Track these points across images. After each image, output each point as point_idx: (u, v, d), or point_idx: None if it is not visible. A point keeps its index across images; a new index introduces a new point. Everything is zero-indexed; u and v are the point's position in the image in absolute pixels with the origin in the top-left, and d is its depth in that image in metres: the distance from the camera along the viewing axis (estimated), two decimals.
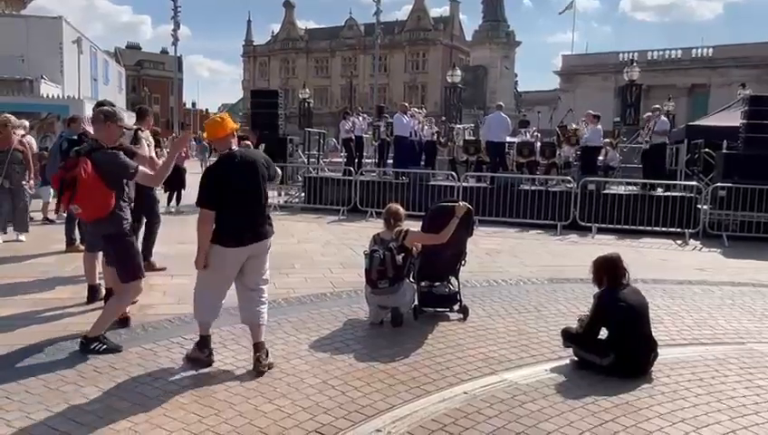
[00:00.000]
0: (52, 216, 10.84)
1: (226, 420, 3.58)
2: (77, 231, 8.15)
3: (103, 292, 5.78)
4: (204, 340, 4.43)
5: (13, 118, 8.87)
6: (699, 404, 3.98)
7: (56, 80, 22.60)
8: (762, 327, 5.89)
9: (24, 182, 8.85)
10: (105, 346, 4.56)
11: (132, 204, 5.06)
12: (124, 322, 5.09)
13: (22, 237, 8.90)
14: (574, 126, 14.87)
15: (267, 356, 4.35)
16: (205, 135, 4.45)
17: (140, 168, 4.65)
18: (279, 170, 4.66)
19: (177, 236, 8.12)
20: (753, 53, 44.55)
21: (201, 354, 4.39)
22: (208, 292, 4.37)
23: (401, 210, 5.77)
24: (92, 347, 4.52)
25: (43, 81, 21.36)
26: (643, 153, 13.60)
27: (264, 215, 4.41)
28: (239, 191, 4.23)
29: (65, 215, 8.59)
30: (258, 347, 4.33)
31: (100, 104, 6.25)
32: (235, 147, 4.38)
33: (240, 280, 4.39)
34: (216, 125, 4.32)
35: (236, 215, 4.24)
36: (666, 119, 13.56)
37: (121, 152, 4.61)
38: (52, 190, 10.98)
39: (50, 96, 18.94)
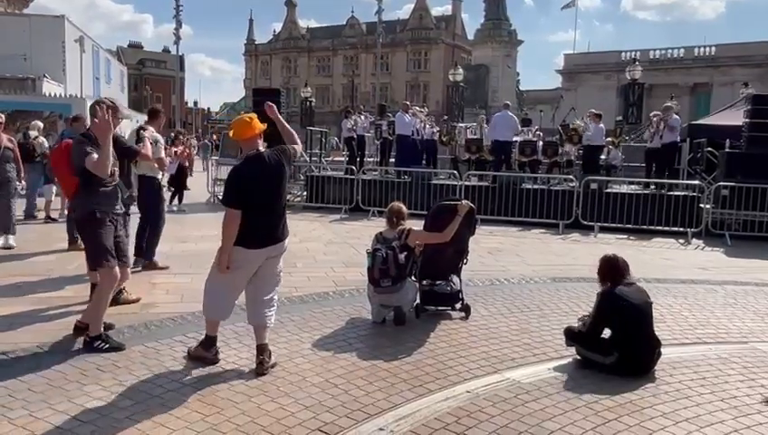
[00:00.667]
0: (54, 214, 10.85)
1: (229, 418, 3.58)
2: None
3: None
4: (210, 340, 4.42)
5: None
6: (702, 403, 3.97)
7: (58, 79, 22.66)
8: (765, 326, 5.87)
9: (16, 183, 8.49)
10: (108, 344, 4.56)
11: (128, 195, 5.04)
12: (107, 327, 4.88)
13: (11, 241, 8.33)
14: (578, 121, 14.85)
15: (270, 358, 4.34)
16: (231, 133, 4.37)
17: (91, 156, 4.45)
18: (297, 149, 4.55)
19: (179, 234, 8.14)
20: (756, 51, 44.42)
21: (208, 353, 4.38)
22: (224, 292, 4.34)
23: (404, 209, 5.76)
24: (96, 345, 4.53)
25: (45, 79, 21.42)
26: (650, 152, 13.55)
27: (284, 216, 4.44)
28: (265, 193, 4.23)
29: (66, 213, 8.61)
30: (261, 349, 4.31)
31: (98, 102, 6.27)
32: (261, 148, 4.31)
33: (253, 281, 4.36)
34: (244, 126, 4.26)
35: (261, 216, 4.22)
36: (677, 117, 13.53)
37: (86, 140, 4.57)
38: (54, 189, 11.03)
39: (52, 95, 18.99)
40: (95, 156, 4.40)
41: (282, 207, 4.42)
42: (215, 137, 32.86)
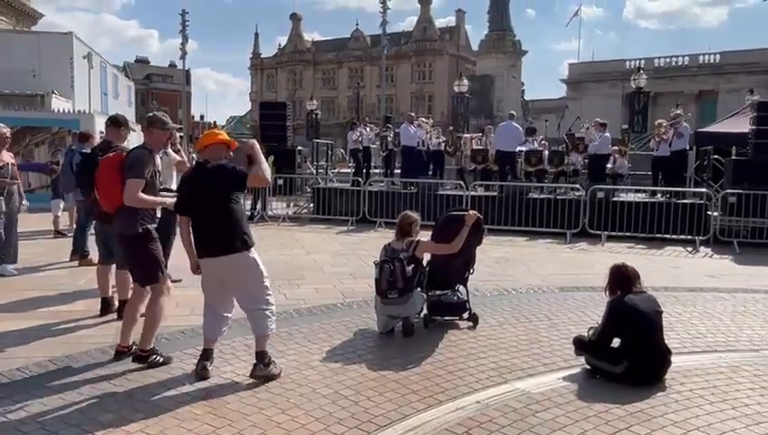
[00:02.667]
0: (63, 229, 10.93)
1: (240, 430, 3.59)
2: (87, 244, 8.19)
3: (116, 304, 5.83)
4: (203, 352, 4.45)
5: None
6: (713, 412, 3.95)
7: (67, 94, 22.85)
8: None
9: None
10: (162, 359, 4.60)
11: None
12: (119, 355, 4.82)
13: (10, 268, 7.74)
14: (584, 128, 14.86)
15: (267, 366, 4.33)
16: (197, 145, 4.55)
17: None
18: (265, 175, 4.31)
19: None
20: (761, 58, 44.39)
21: (197, 365, 4.41)
22: (205, 305, 4.49)
23: (416, 219, 5.80)
24: (150, 360, 4.55)
25: (54, 95, 21.61)
26: (657, 160, 13.55)
27: (224, 231, 4.25)
28: (198, 201, 4.30)
29: (75, 227, 8.65)
30: (258, 356, 4.35)
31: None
32: (224, 160, 4.39)
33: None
34: (206, 136, 4.54)
35: (198, 225, 4.34)
36: (687, 124, 13.54)
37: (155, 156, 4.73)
38: (62, 204, 11.11)
39: (61, 111, 19.15)
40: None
41: (220, 221, 4.24)
42: None
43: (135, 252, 4.70)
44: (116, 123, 6.09)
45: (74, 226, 9.36)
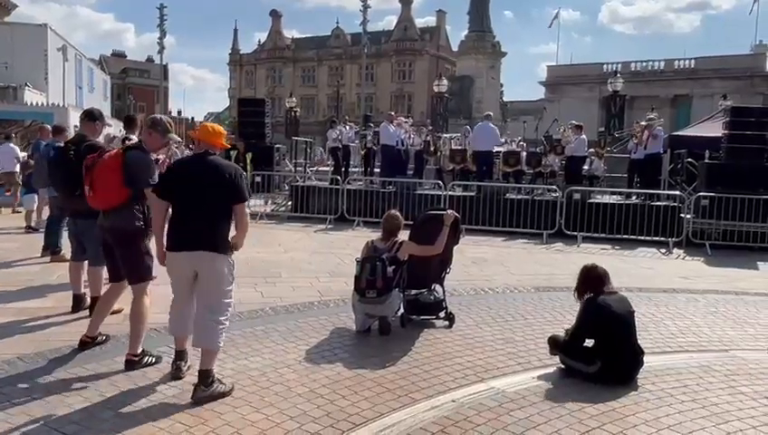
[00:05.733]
0: (35, 223, 10.73)
1: (214, 429, 3.56)
2: (59, 240, 8.05)
3: (88, 301, 5.74)
4: (176, 353, 4.34)
5: None
6: (684, 411, 4.02)
7: (41, 87, 22.45)
8: (745, 335, 5.96)
9: None
10: (154, 359, 4.52)
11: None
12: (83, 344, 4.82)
13: None
14: (561, 130, 15.03)
15: (210, 386, 3.94)
16: (197, 132, 4.31)
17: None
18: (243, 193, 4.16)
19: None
20: (734, 64, 45.35)
21: (172, 366, 4.30)
22: (173, 302, 4.29)
23: (401, 221, 5.80)
24: (144, 362, 4.46)
25: (27, 88, 21.21)
26: (633, 162, 13.75)
27: (207, 226, 4.04)
28: (187, 192, 4.05)
29: (46, 223, 8.49)
30: (201, 376, 3.96)
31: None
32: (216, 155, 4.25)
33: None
34: (212, 132, 4.28)
35: (179, 216, 4.11)
36: (661, 128, 13.76)
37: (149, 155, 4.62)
38: (36, 198, 10.90)
39: (34, 104, 18.80)
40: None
41: (205, 216, 4.03)
42: None
43: (133, 248, 4.60)
44: (91, 117, 5.98)
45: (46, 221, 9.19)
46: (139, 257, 4.61)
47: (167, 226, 4.17)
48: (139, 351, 4.49)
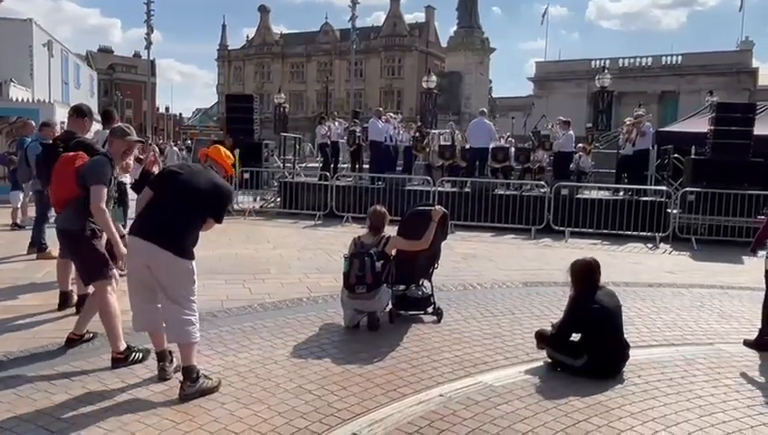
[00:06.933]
0: (20, 221, 10.63)
1: (202, 425, 3.55)
2: (45, 237, 7.98)
3: (75, 299, 5.70)
4: (157, 355, 4.25)
5: None
6: (669, 403, 4.07)
7: (26, 83, 22.17)
8: (729, 328, 6.03)
9: None
10: (141, 354, 4.46)
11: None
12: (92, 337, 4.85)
13: None
14: (549, 126, 15.08)
15: (196, 381, 3.92)
16: (210, 151, 4.40)
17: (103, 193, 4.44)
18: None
19: None
20: (720, 60, 45.67)
21: (157, 368, 4.22)
22: (128, 294, 4.15)
23: (387, 216, 5.78)
24: (131, 359, 4.41)
25: (12, 84, 20.93)
26: (623, 158, 13.83)
27: (178, 228, 3.98)
28: (175, 190, 4.03)
29: (34, 220, 8.43)
30: (184, 372, 3.95)
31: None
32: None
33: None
34: (223, 154, 4.36)
35: (155, 206, 4.04)
36: (650, 124, 13.85)
37: (111, 162, 4.55)
38: (21, 195, 10.80)
39: (19, 99, 18.57)
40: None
41: (182, 217, 4.00)
42: (189, 141, 34.04)
43: (78, 249, 4.62)
44: (80, 113, 5.92)
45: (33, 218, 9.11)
46: (88, 258, 4.59)
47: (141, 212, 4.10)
48: (123, 348, 4.43)
